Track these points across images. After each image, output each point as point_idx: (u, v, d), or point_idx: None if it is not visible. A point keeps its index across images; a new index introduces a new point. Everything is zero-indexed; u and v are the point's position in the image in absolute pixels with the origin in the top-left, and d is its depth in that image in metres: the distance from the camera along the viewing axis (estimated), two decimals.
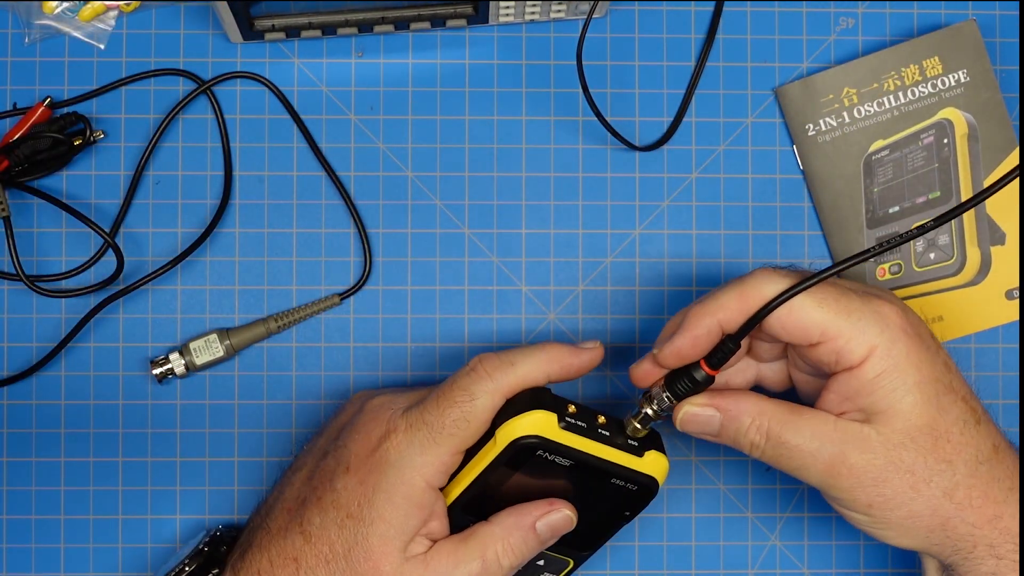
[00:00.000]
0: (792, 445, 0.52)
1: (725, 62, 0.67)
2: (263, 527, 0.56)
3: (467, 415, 0.53)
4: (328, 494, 0.54)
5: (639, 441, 0.55)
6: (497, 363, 0.54)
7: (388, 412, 0.55)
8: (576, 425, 0.54)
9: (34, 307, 0.65)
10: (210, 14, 0.65)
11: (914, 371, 0.52)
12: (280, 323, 0.64)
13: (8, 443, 0.65)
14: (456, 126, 0.66)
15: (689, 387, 0.54)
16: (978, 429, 0.53)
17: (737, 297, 0.53)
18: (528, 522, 0.55)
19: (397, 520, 0.53)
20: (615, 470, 0.54)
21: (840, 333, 0.52)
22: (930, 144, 0.66)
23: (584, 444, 0.54)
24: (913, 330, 0.53)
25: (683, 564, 0.66)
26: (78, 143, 0.64)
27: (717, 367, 0.53)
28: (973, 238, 0.66)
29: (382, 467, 0.53)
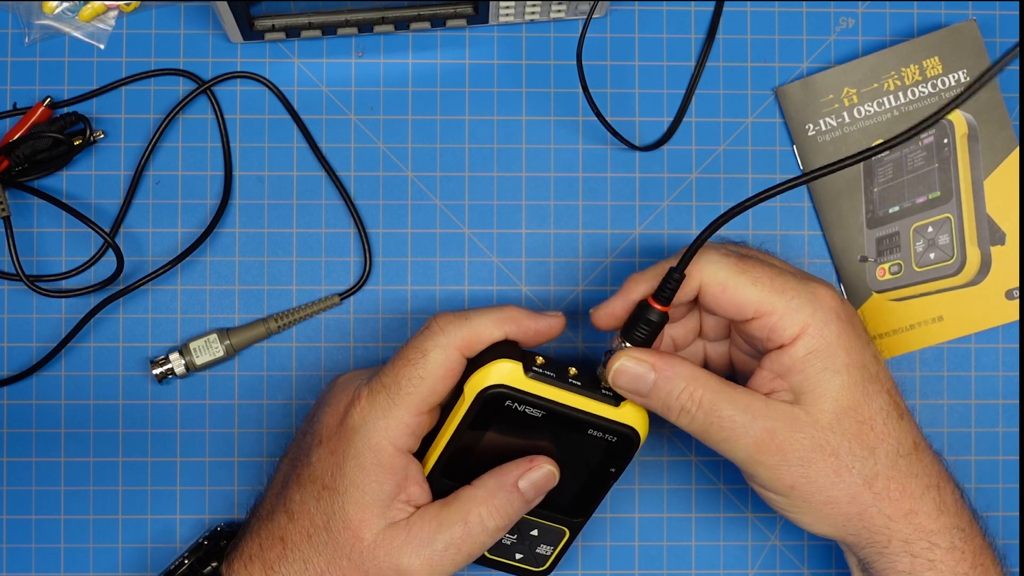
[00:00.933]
0: (725, 415, 0.53)
1: (725, 62, 0.67)
2: (255, 514, 0.57)
3: (421, 372, 0.53)
4: (305, 469, 0.55)
5: (614, 392, 0.55)
6: (451, 318, 0.54)
7: (354, 384, 0.56)
8: (544, 374, 0.54)
9: (34, 307, 0.65)
10: (210, 14, 0.66)
11: (843, 353, 0.53)
12: (280, 323, 0.64)
13: (8, 443, 0.65)
14: (456, 126, 0.66)
15: (645, 329, 0.54)
16: (900, 423, 0.54)
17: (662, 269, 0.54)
18: (510, 481, 0.54)
19: (370, 486, 0.53)
20: (590, 419, 0.54)
21: (774, 309, 0.53)
22: (930, 144, 0.66)
23: (554, 392, 0.54)
24: (846, 316, 0.53)
25: (683, 564, 0.66)
26: (78, 143, 0.64)
27: (667, 302, 0.53)
28: (973, 238, 0.66)
29: (349, 435, 0.54)
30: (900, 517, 0.53)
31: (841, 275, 0.66)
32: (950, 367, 0.66)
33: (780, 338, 0.53)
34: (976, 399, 0.66)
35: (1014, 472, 0.66)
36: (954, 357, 0.67)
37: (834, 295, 0.54)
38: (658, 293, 0.53)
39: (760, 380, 0.54)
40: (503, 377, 0.53)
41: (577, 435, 0.55)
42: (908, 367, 0.66)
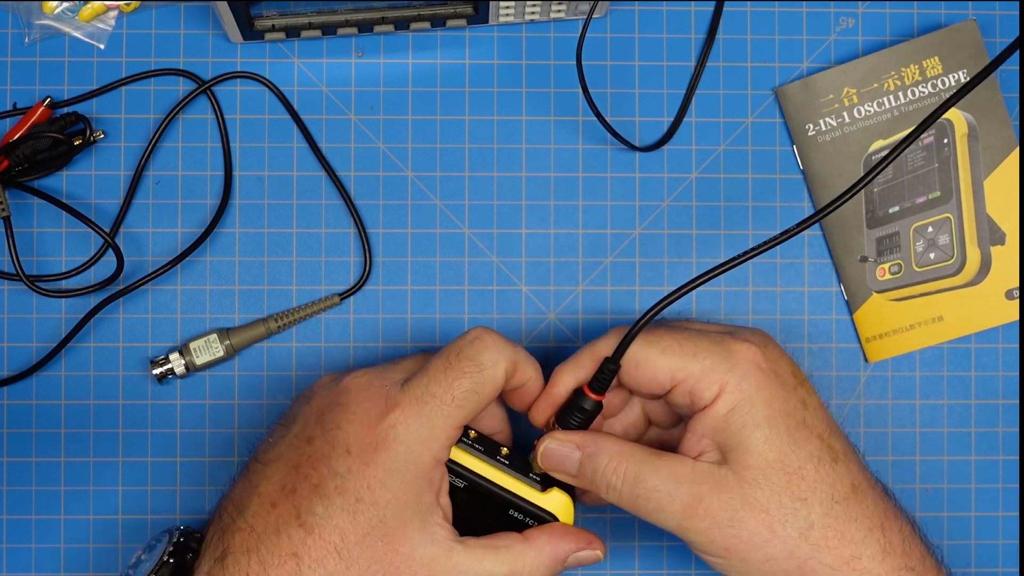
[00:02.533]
0: (649, 486, 0.52)
1: (725, 62, 0.67)
2: (242, 528, 0.52)
3: (477, 386, 0.53)
4: (329, 480, 0.51)
5: (542, 477, 0.55)
6: (497, 336, 0.54)
7: (382, 388, 0.53)
8: (473, 447, 0.55)
9: (34, 307, 0.65)
10: (210, 14, 0.66)
11: (764, 406, 0.52)
12: (280, 323, 0.64)
13: (8, 443, 0.65)
14: (456, 126, 0.66)
15: (579, 416, 0.55)
16: (835, 467, 0.53)
17: (590, 355, 0.55)
18: (563, 553, 0.54)
19: (411, 499, 0.52)
20: (513, 500, 0.54)
21: (689, 374, 0.53)
22: (930, 144, 0.66)
23: (479, 467, 0.54)
24: (768, 366, 0.53)
25: (683, 564, 0.66)
26: (78, 143, 0.64)
27: (601, 391, 0.54)
28: (973, 238, 0.66)
29: (389, 444, 0.52)
30: (842, 565, 0.52)
31: (841, 275, 0.66)
32: (950, 367, 0.66)
33: (701, 400, 0.53)
34: (976, 399, 0.66)
35: (1014, 472, 0.66)
36: (954, 357, 0.67)
37: (753, 348, 0.53)
38: (593, 381, 0.54)
39: (689, 444, 0.54)
40: None
41: (497, 511, 0.55)
42: (908, 367, 0.66)
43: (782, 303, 0.66)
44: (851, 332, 0.66)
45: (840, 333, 0.66)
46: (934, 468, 0.66)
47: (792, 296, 0.66)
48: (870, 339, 0.66)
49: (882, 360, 0.66)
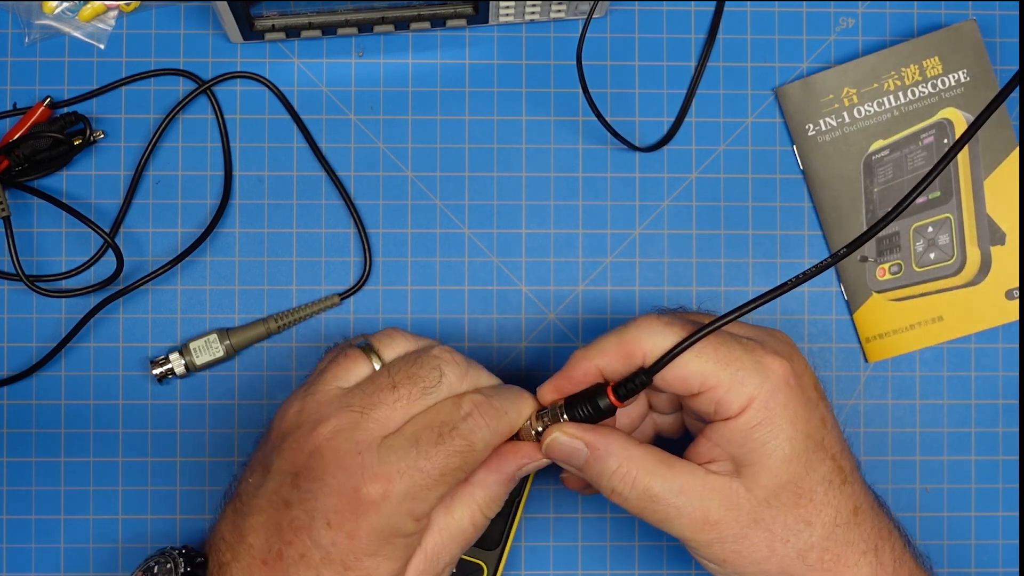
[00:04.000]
0: (659, 498, 0.51)
1: (725, 62, 0.67)
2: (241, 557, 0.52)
3: (466, 465, 0.52)
4: (313, 551, 0.51)
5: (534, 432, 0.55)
6: (492, 412, 0.52)
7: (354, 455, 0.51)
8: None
9: (34, 307, 0.65)
10: (210, 14, 0.65)
11: (788, 425, 0.51)
12: (280, 323, 0.64)
13: (8, 443, 0.65)
14: (456, 126, 0.66)
15: (590, 412, 0.53)
16: (842, 490, 0.52)
17: (616, 344, 0.52)
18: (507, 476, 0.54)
19: (398, 554, 0.52)
20: None
21: (719, 383, 0.51)
22: (930, 144, 0.66)
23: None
24: (796, 382, 0.52)
25: (683, 564, 0.66)
26: (78, 143, 0.64)
27: (625, 399, 0.52)
28: (973, 238, 0.66)
29: (371, 516, 0.50)
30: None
31: (841, 275, 0.66)
32: (950, 367, 0.66)
33: (727, 411, 0.51)
34: (976, 399, 0.66)
35: (1014, 472, 0.66)
36: (954, 357, 0.67)
37: (783, 362, 0.52)
38: (620, 387, 0.52)
39: (702, 449, 0.53)
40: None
41: None
42: (908, 367, 0.66)
43: (782, 303, 0.66)
44: (851, 332, 0.66)
45: (840, 333, 0.66)
46: (934, 468, 0.66)
47: (792, 296, 0.66)
48: (870, 339, 0.66)
49: (882, 360, 0.66)
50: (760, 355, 0.52)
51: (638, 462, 0.52)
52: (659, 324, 0.52)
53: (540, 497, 0.66)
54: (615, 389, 0.52)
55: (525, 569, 0.65)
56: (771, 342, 0.53)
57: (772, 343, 0.53)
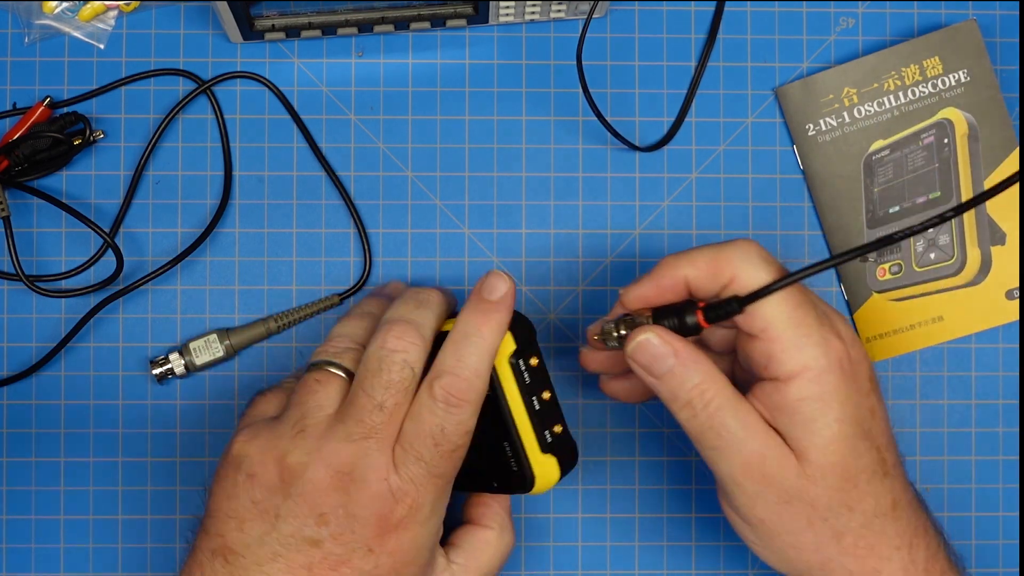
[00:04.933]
0: (726, 424, 0.51)
1: (725, 62, 0.67)
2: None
3: (466, 445, 0.53)
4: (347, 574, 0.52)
5: (555, 439, 0.54)
6: (465, 382, 0.52)
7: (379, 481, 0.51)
8: (522, 373, 0.53)
9: (34, 307, 0.65)
10: (210, 14, 0.65)
11: (838, 406, 0.50)
12: (280, 323, 0.64)
13: (8, 443, 0.65)
14: (456, 126, 0.66)
15: (676, 326, 0.52)
16: (883, 482, 0.52)
17: (711, 259, 0.52)
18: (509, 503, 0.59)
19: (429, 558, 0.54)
20: (512, 437, 0.54)
21: (780, 337, 0.50)
22: (930, 144, 0.66)
23: (512, 392, 0.53)
24: (851, 367, 0.51)
25: (683, 564, 0.66)
26: (78, 143, 0.64)
27: (713, 321, 0.51)
28: (973, 238, 0.66)
29: (410, 530, 0.52)
30: (863, 574, 0.52)
31: (841, 275, 0.66)
32: (950, 367, 0.66)
33: (777, 371, 0.51)
34: (976, 399, 0.66)
35: (1014, 472, 0.66)
36: (954, 357, 0.67)
37: (843, 345, 0.51)
38: (710, 310, 0.51)
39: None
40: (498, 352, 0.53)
41: (497, 433, 0.54)
42: (908, 367, 0.66)
43: None
44: None
45: None
46: (934, 468, 0.66)
47: None
48: (870, 339, 0.66)
49: (882, 360, 0.66)
50: (827, 331, 0.51)
51: (720, 383, 0.51)
52: (757, 255, 0.51)
53: (540, 496, 0.66)
54: (705, 310, 0.51)
55: (525, 569, 0.65)
56: (837, 323, 0.53)
57: (840, 322, 0.53)
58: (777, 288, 0.49)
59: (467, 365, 0.52)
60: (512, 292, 0.53)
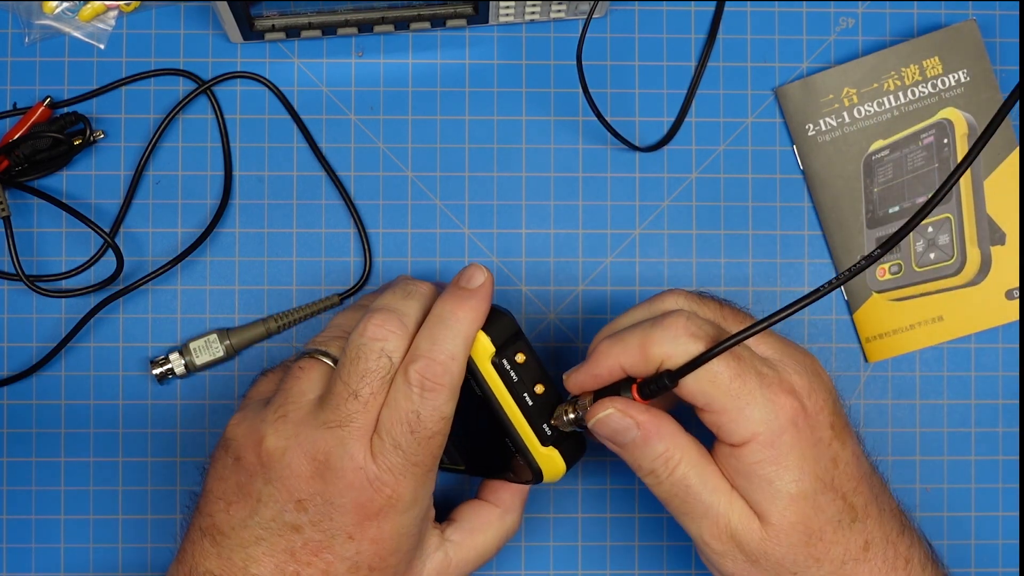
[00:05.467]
0: (692, 492, 0.51)
1: (725, 62, 0.67)
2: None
3: (446, 432, 0.52)
4: (338, 564, 0.52)
5: (555, 432, 0.54)
6: (441, 367, 0.51)
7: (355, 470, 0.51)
8: (507, 372, 0.53)
9: (34, 307, 0.65)
10: (210, 14, 0.66)
11: (796, 466, 0.50)
12: (280, 323, 0.64)
13: (8, 443, 0.65)
14: (456, 126, 0.66)
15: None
16: (852, 527, 0.52)
17: (640, 343, 0.51)
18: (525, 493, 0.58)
19: (416, 544, 0.54)
20: (512, 435, 0.54)
21: (724, 410, 0.50)
22: (930, 144, 0.66)
23: (501, 393, 0.53)
24: (806, 421, 0.51)
25: (683, 564, 0.66)
26: (78, 143, 0.64)
27: (648, 398, 0.51)
28: (973, 238, 0.66)
29: (391, 518, 0.52)
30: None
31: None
32: (950, 367, 0.66)
33: (728, 439, 0.51)
34: (976, 399, 0.66)
35: (1014, 472, 0.66)
36: (954, 357, 0.67)
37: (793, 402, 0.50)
38: (644, 387, 0.51)
39: None
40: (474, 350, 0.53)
41: (497, 431, 0.55)
42: (908, 367, 0.66)
43: (782, 303, 0.66)
44: (851, 332, 0.66)
45: (840, 333, 0.66)
46: (934, 468, 0.66)
47: (792, 296, 0.66)
48: (870, 339, 0.66)
49: (882, 360, 0.66)
50: (774, 391, 0.50)
51: (684, 449, 0.52)
52: (685, 331, 0.51)
53: (540, 496, 0.66)
54: (640, 388, 0.52)
55: (525, 569, 0.65)
56: (791, 372, 0.52)
57: (791, 374, 0.52)
58: (704, 361, 0.49)
59: (442, 349, 0.51)
60: (490, 283, 0.53)
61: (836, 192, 0.66)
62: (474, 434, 0.56)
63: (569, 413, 0.54)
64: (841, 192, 0.66)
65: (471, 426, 0.55)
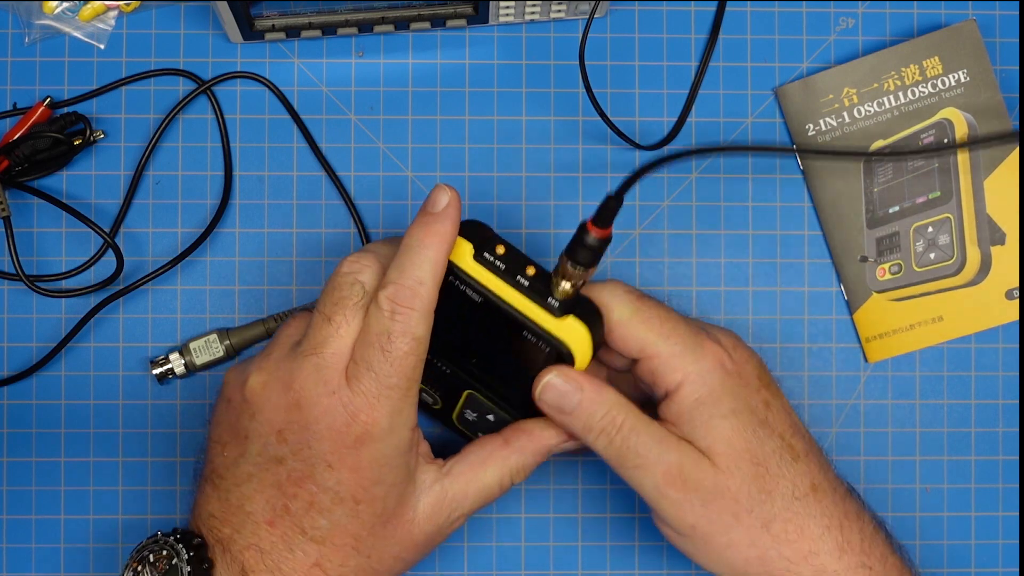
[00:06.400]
0: (641, 443, 0.53)
1: (725, 62, 0.67)
2: (248, 547, 0.53)
3: (419, 354, 0.53)
4: (322, 495, 0.53)
5: (563, 303, 0.53)
6: (409, 291, 0.52)
7: (329, 396, 0.52)
8: (494, 264, 0.53)
9: (34, 307, 0.65)
10: (210, 14, 0.66)
11: (729, 399, 0.53)
12: (280, 323, 0.64)
13: (8, 443, 0.65)
14: (456, 126, 0.66)
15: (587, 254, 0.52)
16: (795, 466, 0.54)
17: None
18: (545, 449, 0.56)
19: (402, 476, 0.54)
20: (525, 322, 0.53)
21: (657, 353, 0.53)
22: (930, 144, 0.66)
23: (494, 284, 0.53)
24: (733, 367, 0.54)
25: (683, 564, 0.66)
26: (78, 143, 0.64)
27: (604, 224, 0.52)
28: (973, 238, 0.66)
29: (368, 446, 0.52)
30: (800, 559, 0.53)
31: (841, 275, 0.66)
32: (950, 367, 0.66)
33: (663, 384, 0.54)
34: (976, 399, 0.66)
35: (1014, 472, 0.66)
36: (954, 357, 0.67)
37: (722, 350, 0.54)
38: (596, 217, 0.51)
39: None
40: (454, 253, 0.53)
41: (514, 332, 0.54)
42: (908, 367, 0.66)
43: (782, 303, 0.66)
44: (851, 332, 0.66)
45: (840, 333, 0.66)
46: (934, 468, 0.66)
47: (792, 296, 0.66)
48: (870, 339, 0.66)
49: (882, 360, 0.66)
50: (701, 338, 0.54)
51: (627, 408, 0.54)
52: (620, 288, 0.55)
53: (540, 496, 0.66)
54: (594, 220, 0.52)
55: (525, 569, 0.65)
56: (714, 332, 0.56)
57: (715, 333, 0.56)
58: (645, 171, 0.51)
59: (409, 275, 0.52)
60: (455, 202, 0.54)
61: (836, 192, 0.66)
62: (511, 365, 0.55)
63: (563, 281, 0.53)
64: (841, 192, 0.66)
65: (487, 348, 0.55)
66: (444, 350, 0.57)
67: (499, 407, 0.58)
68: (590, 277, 0.53)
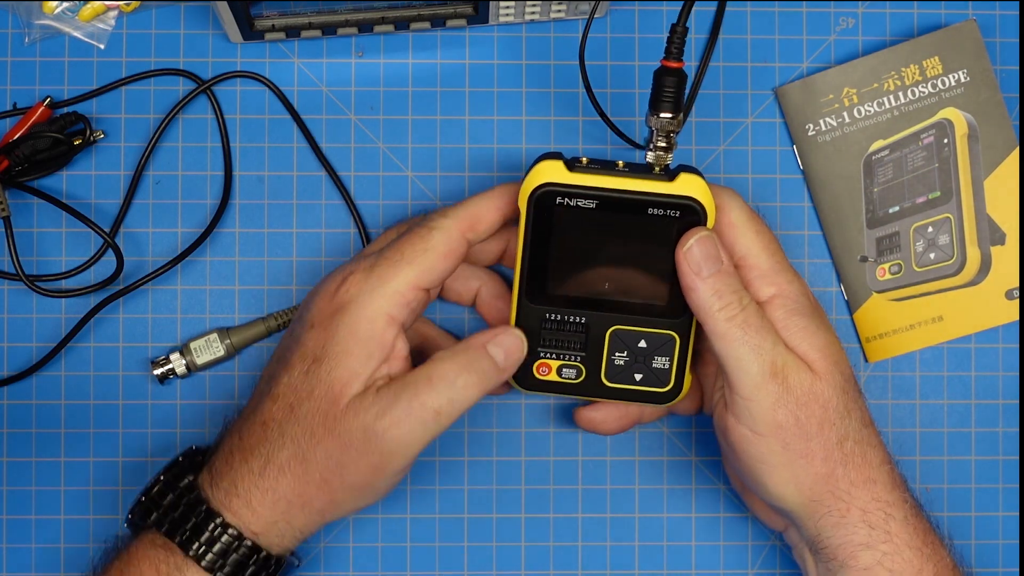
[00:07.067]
0: (764, 325, 0.55)
1: (725, 62, 0.67)
2: (232, 428, 0.57)
3: (425, 244, 0.54)
4: (294, 351, 0.55)
5: (665, 169, 0.55)
6: (452, 206, 0.56)
7: (346, 268, 0.56)
8: (589, 167, 0.55)
9: (34, 307, 0.65)
10: (210, 14, 0.66)
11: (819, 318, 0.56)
12: (280, 322, 0.64)
13: (8, 443, 0.65)
14: (456, 126, 0.66)
15: (671, 94, 0.55)
16: (859, 398, 0.57)
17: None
18: (477, 343, 0.55)
19: (359, 354, 0.54)
20: (646, 198, 0.54)
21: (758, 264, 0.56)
22: (930, 144, 0.66)
23: (601, 180, 0.54)
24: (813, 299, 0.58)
25: (683, 564, 0.66)
26: (78, 143, 0.64)
27: (678, 58, 0.55)
28: (973, 238, 0.66)
29: (343, 307, 0.54)
30: (861, 483, 0.55)
31: (841, 275, 0.66)
32: (950, 367, 0.66)
33: (758, 293, 0.56)
34: (976, 399, 0.66)
35: (1014, 472, 0.66)
36: (954, 357, 0.67)
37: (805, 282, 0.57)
38: (668, 52, 0.55)
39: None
40: (546, 175, 0.54)
41: (639, 219, 0.55)
42: (908, 367, 0.66)
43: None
44: (851, 332, 0.66)
45: (840, 333, 0.66)
46: (934, 468, 0.66)
47: None
48: (870, 339, 0.66)
49: (882, 360, 0.66)
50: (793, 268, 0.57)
51: (750, 297, 0.56)
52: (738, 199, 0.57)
53: (540, 496, 0.66)
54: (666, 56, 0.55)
55: (525, 568, 0.65)
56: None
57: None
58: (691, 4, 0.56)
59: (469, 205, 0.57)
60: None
61: (836, 192, 0.66)
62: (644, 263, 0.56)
63: (659, 140, 0.55)
64: (841, 192, 0.66)
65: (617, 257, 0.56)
66: (577, 287, 0.57)
67: (648, 325, 0.57)
68: (680, 128, 0.55)
